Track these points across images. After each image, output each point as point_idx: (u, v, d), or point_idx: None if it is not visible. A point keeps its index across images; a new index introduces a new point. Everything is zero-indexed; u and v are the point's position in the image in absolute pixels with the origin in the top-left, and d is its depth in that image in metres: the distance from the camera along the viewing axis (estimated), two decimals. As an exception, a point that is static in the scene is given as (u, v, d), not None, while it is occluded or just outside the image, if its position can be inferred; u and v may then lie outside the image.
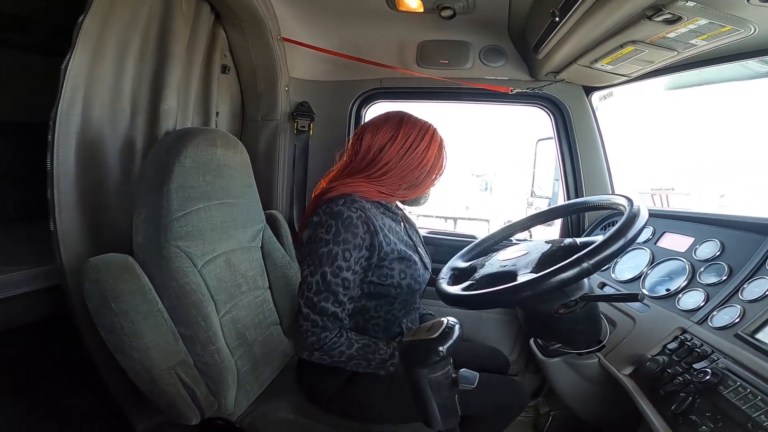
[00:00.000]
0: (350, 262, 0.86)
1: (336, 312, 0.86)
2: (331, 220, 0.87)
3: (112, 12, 1.08)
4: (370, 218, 0.89)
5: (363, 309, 0.98)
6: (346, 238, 0.86)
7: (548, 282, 0.73)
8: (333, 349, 0.87)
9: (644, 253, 1.22)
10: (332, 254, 0.85)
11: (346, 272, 0.86)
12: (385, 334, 1.02)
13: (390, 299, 0.98)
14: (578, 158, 1.60)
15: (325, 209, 0.89)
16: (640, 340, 0.98)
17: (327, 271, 0.85)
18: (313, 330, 0.86)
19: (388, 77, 1.70)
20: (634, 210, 0.82)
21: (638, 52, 1.10)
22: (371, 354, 0.90)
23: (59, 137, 1.03)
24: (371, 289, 0.95)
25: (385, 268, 0.93)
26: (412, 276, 0.97)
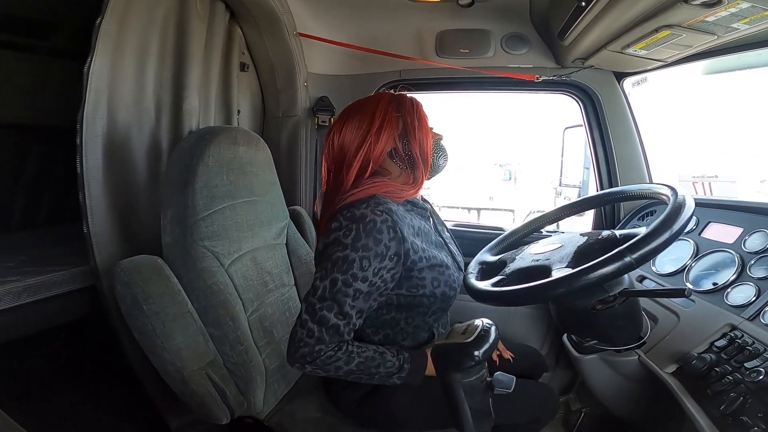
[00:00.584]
0: (368, 272, 0.76)
1: (337, 325, 0.76)
2: (352, 224, 0.77)
3: (128, 13, 1.09)
4: (396, 223, 0.79)
5: (393, 321, 0.89)
6: (366, 245, 0.76)
7: (587, 277, 0.69)
8: (328, 364, 0.77)
9: (688, 245, 1.15)
10: (348, 260, 0.75)
11: (361, 283, 0.76)
12: (412, 341, 0.93)
13: (423, 309, 0.89)
14: (611, 146, 1.53)
15: (345, 213, 0.79)
16: (684, 337, 0.94)
17: (338, 277, 0.75)
18: (306, 340, 0.75)
19: (407, 69, 1.67)
20: (680, 199, 0.77)
21: (674, 37, 1.03)
22: (375, 368, 0.81)
23: (87, 140, 1.05)
24: (401, 301, 0.86)
25: (414, 278, 0.83)
26: (446, 283, 0.87)
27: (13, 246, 1.74)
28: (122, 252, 1.08)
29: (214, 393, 0.92)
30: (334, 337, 0.76)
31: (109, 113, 1.09)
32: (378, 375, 0.81)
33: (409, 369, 0.83)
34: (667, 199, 0.81)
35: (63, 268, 1.40)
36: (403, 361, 0.83)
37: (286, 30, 1.49)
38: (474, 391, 0.60)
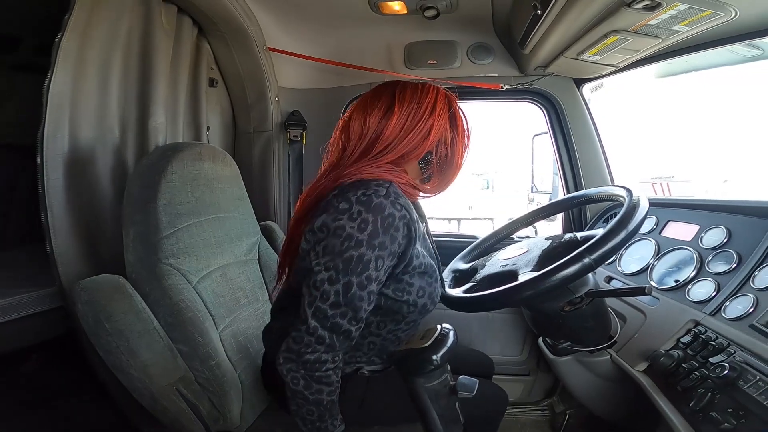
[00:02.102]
0: (380, 272, 0.68)
1: (349, 331, 0.69)
2: (367, 213, 0.67)
3: (89, 30, 1.07)
4: (413, 222, 0.71)
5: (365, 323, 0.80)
6: (383, 243, 0.67)
7: (550, 280, 0.71)
8: (319, 382, 0.69)
9: (649, 244, 1.19)
10: (363, 260, 0.66)
11: (374, 284, 0.68)
12: (378, 354, 0.87)
13: (398, 317, 0.81)
14: (575, 151, 1.57)
15: (360, 196, 0.68)
16: (652, 334, 0.95)
17: (353, 281, 0.66)
18: (316, 347, 0.68)
19: (377, 81, 1.67)
20: (634, 200, 0.80)
21: (622, 41, 1.08)
22: (321, 418, 0.73)
23: (48, 159, 1.02)
24: (381, 303, 0.77)
25: (404, 282, 0.76)
26: (430, 295, 0.80)
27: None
28: (88, 271, 1.05)
29: (186, 408, 0.90)
30: (344, 343, 0.70)
31: (71, 131, 1.07)
32: (312, 425, 0.74)
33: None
34: (623, 200, 0.83)
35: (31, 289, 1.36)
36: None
37: (255, 45, 1.50)
38: (438, 396, 0.60)
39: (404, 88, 0.80)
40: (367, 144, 0.77)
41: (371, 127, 0.76)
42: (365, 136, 0.77)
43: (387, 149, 0.76)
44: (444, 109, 0.80)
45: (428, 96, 0.79)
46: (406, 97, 0.78)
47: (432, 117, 0.78)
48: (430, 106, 0.78)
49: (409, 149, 0.76)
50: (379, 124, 0.76)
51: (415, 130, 0.76)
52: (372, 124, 0.76)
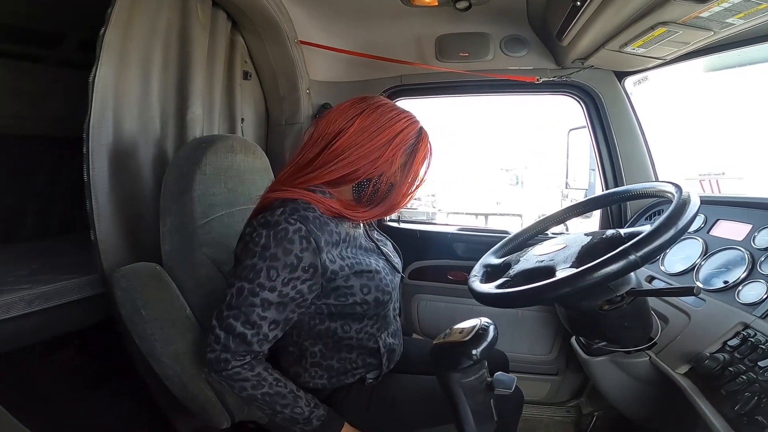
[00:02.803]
0: (276, 282, 0.71)
1: (244, 333, 0.72)
2: (262, 229, 0.72)
3: (131, 23, 1.10)
4: (311, 233, 0.72)
5: (328, 330, 0.83)
6: (274, 254, 0.70)
7: (591, 277, 0.67)
8: (234, 379, 0.74)
9: (696, 243, 1.13)
10: (255, 268, 0.71)
11: (269, 293, 0.71)
12: (360, 354, 0.88)
13: (357, 316, 0.83)
14: (615, 146, 1.51)
15: (260, 219, 0.74)
16: (696, 336, 0.91)
17: (245, 286, 0.71)
18: (213, 346, 0.73)
19: (408, 74, 1.67)
20: (684, 196, 0.76)
21: (671, 34, 1.02)
22: (281, 407, 0.77)
23: (93, 149, 1.06)
24: (332, 310, 0.81)
25: (341, 288, 0.78)
26: (378, 288, 0.81)
27: (25, 254, 1.77)
28: (128, 259, 1.09)
29: (213, 397, 0.91)
30: (240, 346, 0.72)
31: (115, 122, 1.11)
32: (282, 415, 0.78)
33: (317, 426, 0.79)
34: (671, 197, 0.79)
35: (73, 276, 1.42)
36: (314, 416, 0.79)
37: (287, 38, 1.51)
38: (474, 392, 0.59)
39: (379, 106, 0.78)
40: (319, 149, 0.77)
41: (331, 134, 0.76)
42: (319, 141, 0.77)
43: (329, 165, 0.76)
44: (403, 143, 0.77)
45: (396, 125, 0.77)
46: (372, 115, 0.76)
47: (387, 147, 0.75)
48: (390, 135, 0.76)
49: (348, 171, 0.76)
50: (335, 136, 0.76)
51: (359, 159, 0.75)
52: (331, 131, 0.76)
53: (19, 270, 1.53)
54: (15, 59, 1.92)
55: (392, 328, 0.94)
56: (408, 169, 0.80)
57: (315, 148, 0.78)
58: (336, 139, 0.76)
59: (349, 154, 0.75)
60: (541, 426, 1.57)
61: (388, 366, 0.92)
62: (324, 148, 0.77)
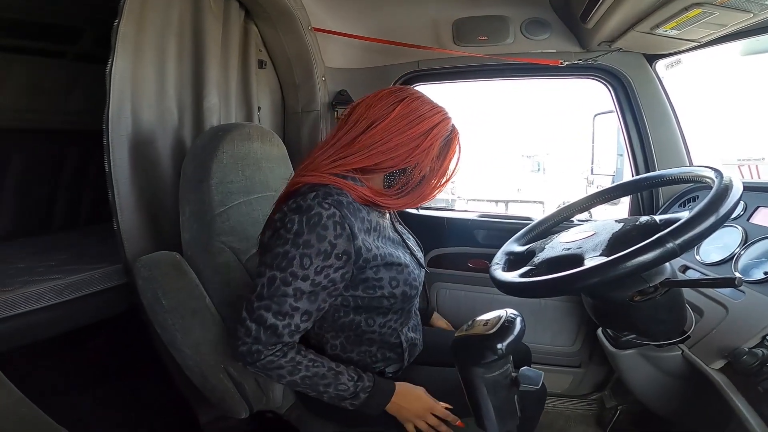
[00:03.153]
0: (309, 270, 0.69)
1: (275, 325, 0.70)
2: (294, 215, 0.69)
3: (144, 15, 1.11)
4: (345, 218, 0.70)
5: (352, 323, 0.83)
6: (308, 241, 0.68)
7: (624, 266, 0.63)
8: (269, 369, 0.73)
9: (735, 232, 1.06)
10: (288, 257, 0.69)
11: (302, 282, 0.69)
12: (381, 348, 0.88)
13: (383, 310, 0.82)
14: (647, 131, 1.44)
15: (291, 204, 0.71)
16: (733, 330, 0.86)
17: (277, 275, 0.69)
18: (244, 339, 0.71)
19: (425, 59, 1.63)
20: (726, 181, 0.70)
21: (707, 15, 0.96)
22: (324, 387, 0.76)
23: (113, 140, 1.07)
24: (358, 303, 0.80)
25: (370, 279, 0.77)
26: (406, 281, 0.80)
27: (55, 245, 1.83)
28: (151, 249, 1.10)
29: (232, 388, 0.92)
30: (271, 338, 0.71)
31: (133, 113, 1.12)
32: (327, 394, 0.77)
33: (365, 399, 0.79)
34: (711, 182, 0.74)
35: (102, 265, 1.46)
36: (360, 389, 0.78)
37: (300, 25, 1.49)
38: (497, 388, 0.55)
39: (418, 97, 0.77)
40: (350, 138, 0.75)
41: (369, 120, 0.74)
42: (356, 125, 0.75)
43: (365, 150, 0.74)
44: (440, 135, 0.77)
45: (435, 116, 0.76)
46: (413, 104, 0.75)
47: (425, 137, 0.75)
48: (429, 126, 0.75)
49: (385, 158, 0.74)
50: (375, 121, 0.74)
51: (398, 146, 0.74)
52: (369, 117, 0.75)
53: (48, 260, 1.59)
54: (35, 55, 1.97)
55: (412, 323, 0.94)
56: (441, 162, 0.79)
57: (351, 132, 0.76)
58: (375, 124, 0.74)
59: (389, 140, 0.74)
60: (562, 419, 1.54)
61: (408, 360, 0.91)
62: (362, 132, 0.75)
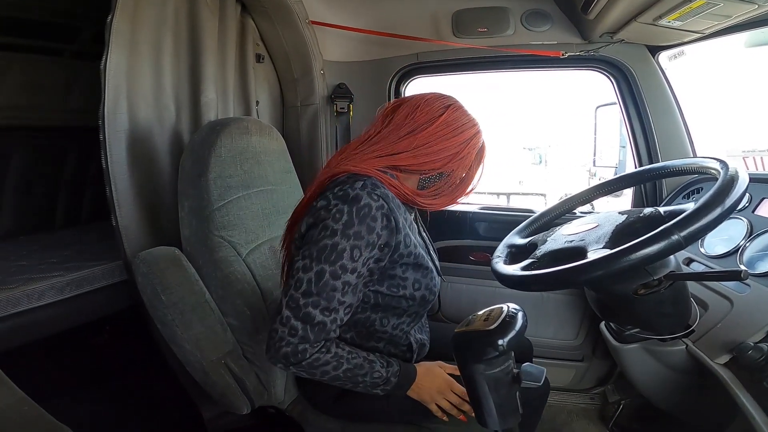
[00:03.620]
0: (358, 262, 0.68)
1: (324, 322, 0.68)
2: (343, 204, 0.68)
3: (138, 11, 1.10)
4: (392, 211, 0.70)
5: (367, 321, 0.82)
6: (358, 232, 0.67)
7: (628, 258, 0.62)
8: (314, 366, 0.70)
9: (740, 224, 1.05)
10: (337, 249, 0.67)
11: (350, 275, 0.68)
12: (387, 345, 0.87)
13: (399, 311, 0.82)
14: (650, 123, 1.43)
15: (336, 192, 0.70)
16: (739, 324, 0.85)
17: (326, 269, 0.67)
18: (289, 339, 0.68)
19: (424, 51, 1.61)
20: (731, 173, 0.69)
21: (711, 6, 0.96)
22: (362, 376, 0.75)
23: (110, 136, 1.07)
24: (378, 300, 0.79)
25: (397, 277, 0.77)
26: (427, 286, 0.81)
27: (56, 242, 1.84)
28: (151, 245, 1.09)
29: (233, 383, 0.92)
30: (320, 336, 0.69)
31: (130, 108, 1.11)
32: (363, 384, 0.77)
33: (395, 383, 0.79)
34: (716, 173, 0.72)
35: (103, 262, 1.46)
36: (390, 374, 0.79)
37: (298, 19, 1.48)
38: (499, 385, 0.54)
39: (460, 106, 0.80)
40: (397, 136, 0.76)
41: (416, 122, 0.76)
42: (404, 124, 0.76)
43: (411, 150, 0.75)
44: (476, 146, 0.80)
45: (474, 127, 0.80)
46: (456, 113, 0.78)
47: (466, 145, 0.78)
48: (469, 135, 0.79)
49: (429, 159, 0.76)
50: (422, 124, 0.76)
51: (441, 151, 0.76)
52: (416, 119, 0.76)
53: (50, 258, 1.59)
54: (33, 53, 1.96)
55: (419, 325, 0.94)
56: (471, 171, 0.82)
57: (398, 130, 0.76)
58: (423, 127, 0.76)
59: (434, 144, 0.75)
60: (564, 413, 1.53)
61: (416, 360, 0.91)
62: (409, 132, 0.76)
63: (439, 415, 0.85)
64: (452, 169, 0.79)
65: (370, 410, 0.91)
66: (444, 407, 0.84)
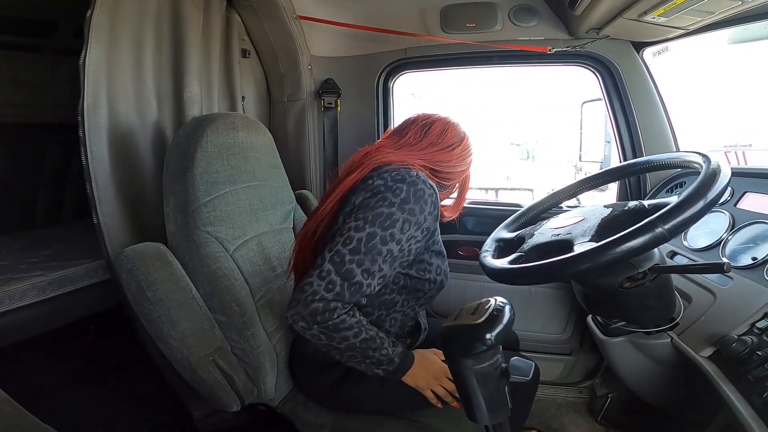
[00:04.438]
0: (405, 235, 0.73)
1: (360, 283, 0.69)
2: (401, 184, 0.75)
3: (119, 5, 1.08)
4: (438, 200, 0.79)
5: (391, 303, 0.86)
6: (413, 209, 0.73)
7: (613, 251, 0.62)
8: (338, 330, 0.70)
9: (723, 217, 1.07)
10: (392, 218, 0.72)
11: (396, 245, 0.72)
12: (399, 329, 0.92)
13: (420, 294, 0.88)
14: (634, 118, 1.45)
15: (394, 175, 0.77)
16: (722, 317, 0.86)
17: (377, 232, 0.71)
18: (324, 294, 0.68)
19: (412, 46, 1.61)
20: (713, 166, 0.69)
21: (695, 2, 0.97)
22: (372, 350, 0.76)
23: (89, 132, 1.04)
24: (406, 283, 0.85)
25: (425, 262, 0.84)
26: (445, 272, 0.90)
27: (37, 241, 1.79)
28: (134, 242, 1.06)
29: (222, 380, 0.91)
30: (353, 297, 0.70)
31: (110, 104, 1.09)
32: (370, 360, 0.77)
33: (397, 365, 0.81)
34: (699, 167, 0.73)
35: (85, 261, 1.43)
36: (395, 354, 0.80)
37: (285, 13, 1.47)
38: (488, 379, 0.54)
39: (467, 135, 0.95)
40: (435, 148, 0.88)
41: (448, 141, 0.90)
42: (437, 142, 0.89)
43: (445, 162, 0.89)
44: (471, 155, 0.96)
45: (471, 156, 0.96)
46: (467, 139, 0.94)
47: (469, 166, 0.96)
48: (471, 158, 0.96)
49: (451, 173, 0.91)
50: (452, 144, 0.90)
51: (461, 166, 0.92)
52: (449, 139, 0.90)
53: (31, 257, 1.55)
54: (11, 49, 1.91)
55: (423, 312, 1.02)
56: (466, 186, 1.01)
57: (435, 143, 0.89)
58: (454, 147, 0.90)
59: (457, 163, 0.91)
60: (554, 407, 1.55)
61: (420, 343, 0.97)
62: (445, 148, 0.89)
63: (434, 401, 0.86)
64: (456, 185, 0.96)
65: (363, 400, 0.91)
66: (439, 393, 0.86)
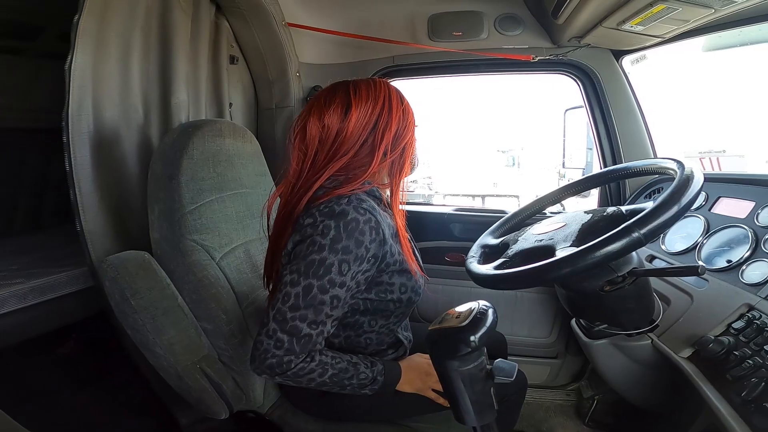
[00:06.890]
0: (346, 276, 0.68)
1: (310, 335, 0.68)
2: (330, 220, 0.69)
3: (108, 10, 1.07)
4: (380, 224, 0.71)
5: (356, 324, 0.84)
6: (347, 247, 0.67)
7: (593, 256, 0.64)
8: (300, 376, 0.70)
9: (698, 221, 1.10)
10: (325, 264, 0.67)
11: (339, 289, 0.68)
12: (377, 346, 0.89)
13: (387, 313, 0.84)
14: (614, 125, 1.49)
15: (322, 209, 0.71)
16: (699, 318, 0.89)
17: (314, 283, 0.67)
18: (274, 351, 0.67)
19: (400, 54, 1.63)
20: (687, 172, 0.72)
21: (670, 11, 1.00)
22: (348, 380, 0.76)
23: (73, 138, 1.03)
24: (368, 306, 0.81)
25: (384, 283, 0.78)
26: (413, 289, 0.83)
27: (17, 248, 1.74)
28: (117, 249, 1.06)
29: (210, 388, 0.90)
30: (306, 347, 0.69)
31: (95, 110, 1.07)
32: (350, 386, 0.77)
33: (383, 381, 0.80)
34: (673, 173, 0.76)
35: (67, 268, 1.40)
36: (376, 373, 0.79)
37: (274, 20, 1.47)
38: (473, 381, 0.55)
39: (357, 84, 0.78)
40: (330, 146, 0.75)
41: (331, 127, 0.75)
42: (326, 139, 0.75)
43: (350, 149, 0.75)
44: (398, 103, 0.79)
45: (382, 91, 0.78)
46: (362, 94, 0.76)
47: (390, 112, 0.77)
48: (386, 102, 0.77)
49: (370, 147, 0.76)
50: (340, 123, 0.75)
51: (376, 127, 0.75)
52: (332, 124, 0.75)
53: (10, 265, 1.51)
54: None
55: (404, 323, 0.96)
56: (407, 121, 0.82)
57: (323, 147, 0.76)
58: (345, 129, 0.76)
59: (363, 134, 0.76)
60: (542, 410, 1.56)
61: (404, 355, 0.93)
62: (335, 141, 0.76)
63: (440, 401, 0.86)
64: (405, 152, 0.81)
65: (351, 409, 0.91)
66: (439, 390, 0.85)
